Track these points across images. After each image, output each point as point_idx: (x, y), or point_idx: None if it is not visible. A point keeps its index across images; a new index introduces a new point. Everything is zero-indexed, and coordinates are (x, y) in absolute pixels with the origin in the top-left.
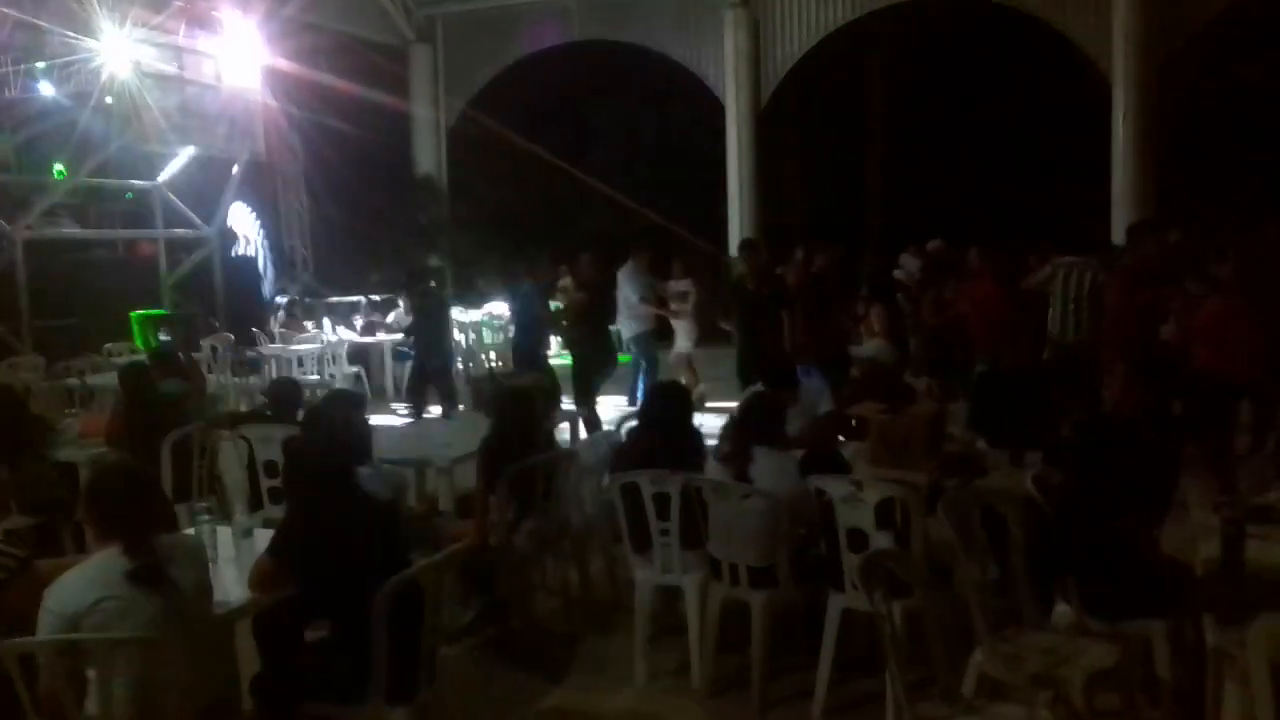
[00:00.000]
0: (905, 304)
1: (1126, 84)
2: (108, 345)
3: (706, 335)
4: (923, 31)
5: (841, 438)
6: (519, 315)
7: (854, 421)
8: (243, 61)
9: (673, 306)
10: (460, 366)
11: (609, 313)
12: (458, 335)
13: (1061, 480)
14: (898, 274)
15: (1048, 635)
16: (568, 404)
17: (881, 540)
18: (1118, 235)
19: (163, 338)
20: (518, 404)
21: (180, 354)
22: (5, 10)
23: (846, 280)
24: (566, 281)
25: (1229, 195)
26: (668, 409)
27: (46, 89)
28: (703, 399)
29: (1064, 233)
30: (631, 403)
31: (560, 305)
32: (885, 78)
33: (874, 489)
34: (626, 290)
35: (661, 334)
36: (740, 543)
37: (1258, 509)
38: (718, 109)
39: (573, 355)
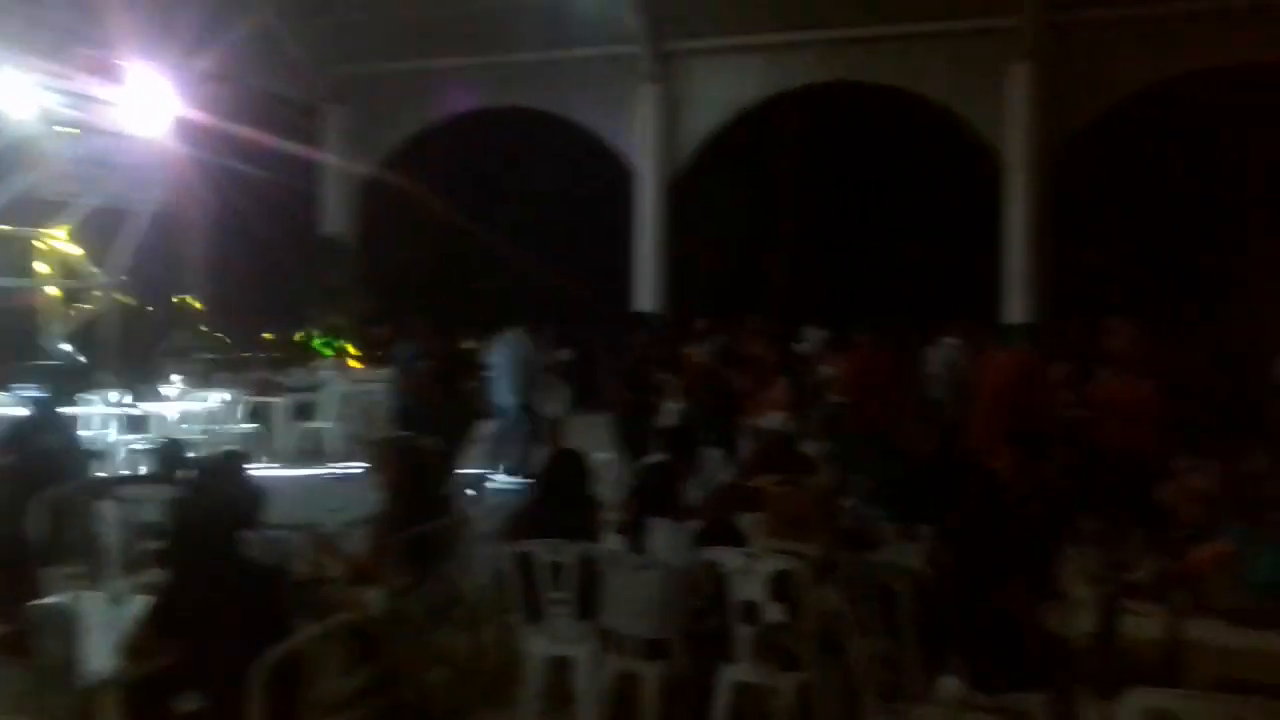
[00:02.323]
0: (806, 376)
1: (1020, 169)
2: None
3: (579, 402)
4: (831, 112)
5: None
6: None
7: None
8: (151, 112)
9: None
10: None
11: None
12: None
13: (950, 556)
14: (801, 347)
15: (934, 708)
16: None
17: (774, 613)
18: (1011, 314)
19: (38, 394)
20: (412, 467)
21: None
22: None
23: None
24: (472, 345)
25: (1118, 278)
26: (565, 477)
27: None
28: None
29: (962, 311)
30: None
31: None
32: (794, 156)
33: (768, 561)
34: (519, 357)
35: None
36: (634, 614)
37: (1132, 585)
38: (628, 179)
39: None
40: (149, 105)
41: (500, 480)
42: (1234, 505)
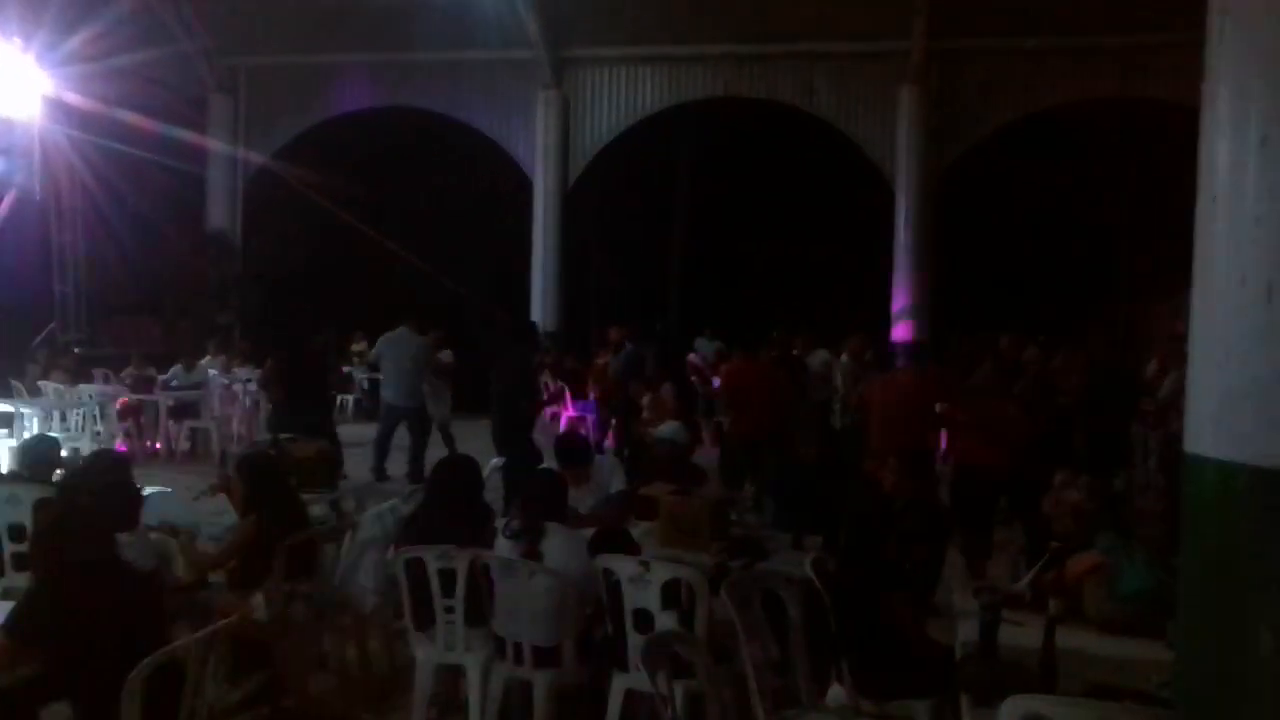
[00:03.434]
0: (699, 386)
1: (908, 191)
2: None
3: (461, 406)
4: (727, 125)
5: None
6: None
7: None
8: (18, 91)
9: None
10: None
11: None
12: (242, 396)
13: (835, 565)
14: (692, 357)
15: (823, 716)
16: None
17: (667, 621)
18: (899, 331)
19: None
20: (265, 480)
21: None
22: None
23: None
24: (361, 346)
25: (999, 297)
26: (455, 482)
27: None
28: None
29: (856, 324)
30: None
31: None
32: (690, 166)
33: (661, 569)
34: (407, 357)
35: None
36: (526, 621)
37: (1011, 595)
38: (525, 184)
39: None
40: (17, 84)
41: (391, 483)
42: (1104, 518)
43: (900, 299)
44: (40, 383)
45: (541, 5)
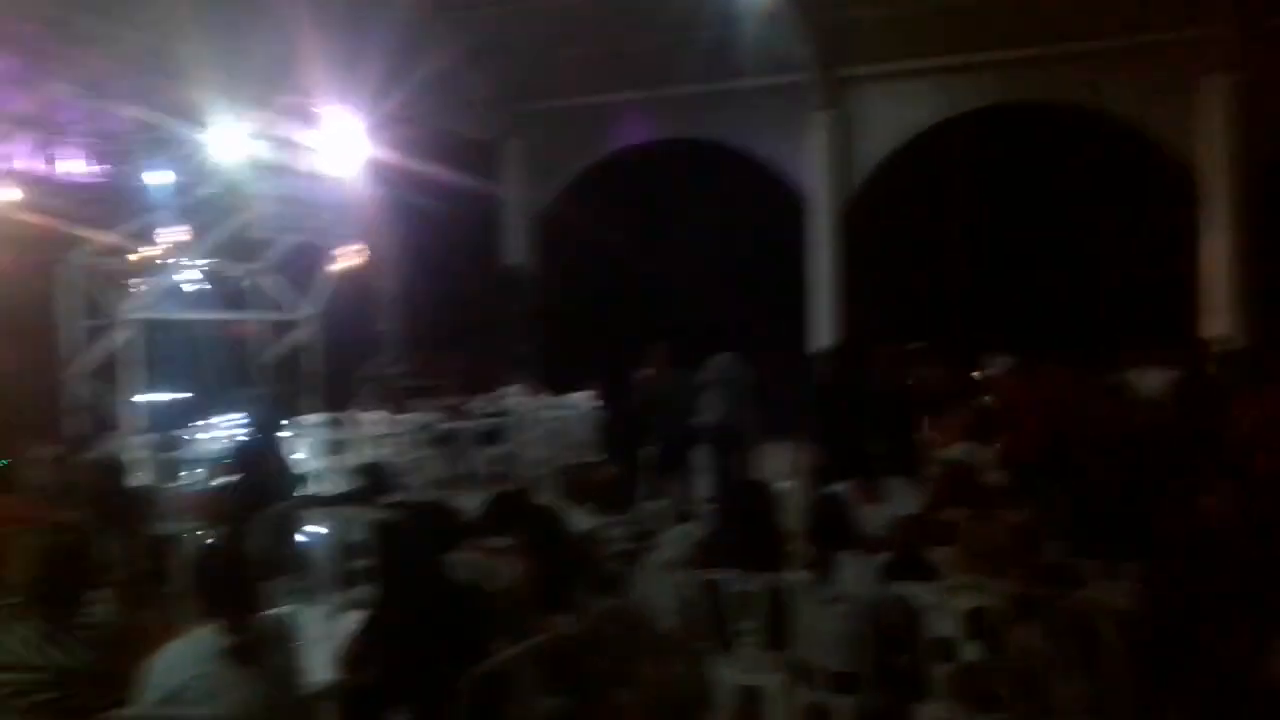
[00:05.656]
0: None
1: (1219, 190)
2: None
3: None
4: (1010, 132)
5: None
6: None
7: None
8: (344, 154)
9: None
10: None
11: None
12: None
13: (1161, 596)
14: (978, 374)
15: None
16: None
17: (970, 650)
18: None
19: (257, 419)
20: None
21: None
22: (128, 107)
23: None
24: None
25: None
26: (752, 507)
27: (161, 178)
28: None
29: (1155, 339)
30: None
31: None
32: (972, 178)
33: (961, 597)
34: (732, 381)
35: None
36: (824, 646)
37: None
38: (799, 207)
39: None
40: (342, 147)
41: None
42: None
43: (1213, 311)
44: (369, 413)
45: (814, 28)
